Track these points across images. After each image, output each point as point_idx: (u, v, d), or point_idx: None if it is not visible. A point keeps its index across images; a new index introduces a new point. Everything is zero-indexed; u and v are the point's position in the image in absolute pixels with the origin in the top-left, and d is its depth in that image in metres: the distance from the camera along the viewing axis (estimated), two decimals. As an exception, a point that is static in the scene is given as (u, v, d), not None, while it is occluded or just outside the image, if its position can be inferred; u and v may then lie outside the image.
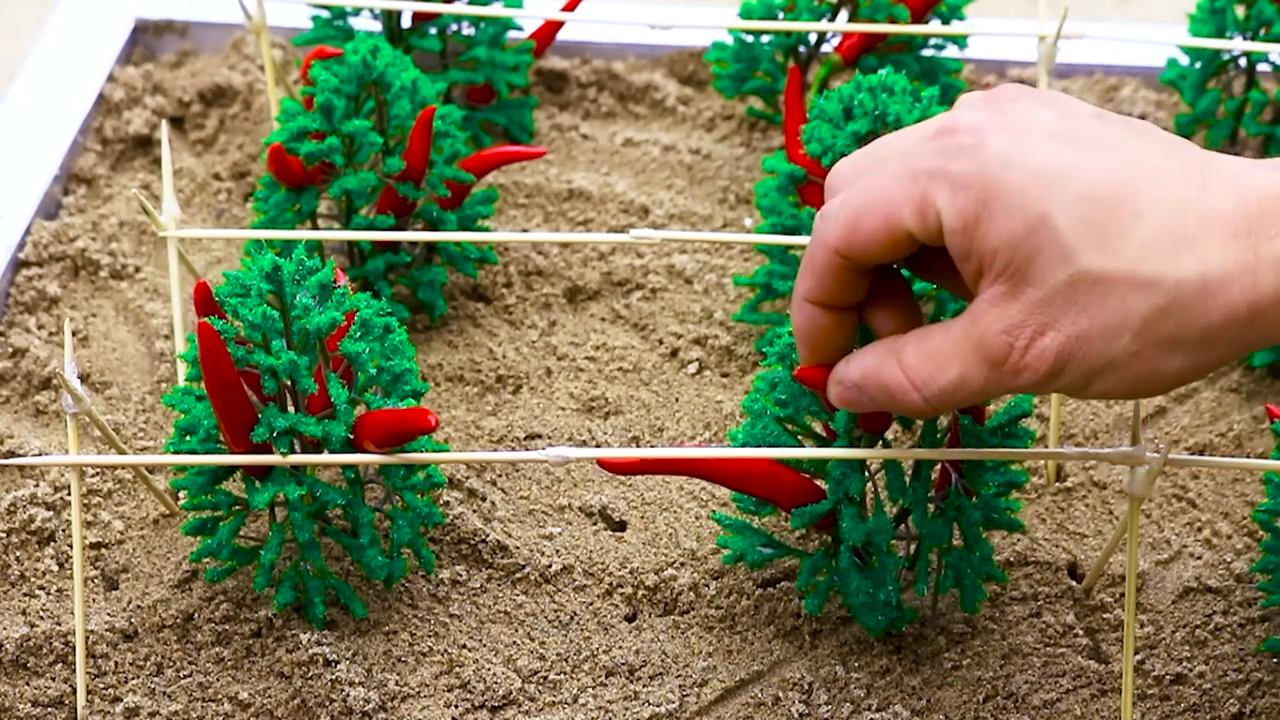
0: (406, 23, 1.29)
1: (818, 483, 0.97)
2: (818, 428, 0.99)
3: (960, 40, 1.28)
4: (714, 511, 1.05)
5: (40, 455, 1.09)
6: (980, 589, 0.99)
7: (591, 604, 1.03)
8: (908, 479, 0.96)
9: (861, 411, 0.89)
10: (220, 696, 0.98)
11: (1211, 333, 0.80)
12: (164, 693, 0.98)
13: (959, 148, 0.81)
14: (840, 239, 0.84)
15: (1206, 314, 0.79)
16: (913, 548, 1.00)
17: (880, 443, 0.96)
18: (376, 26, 1.32)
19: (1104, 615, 1.02)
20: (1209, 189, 0.80)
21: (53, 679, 0.98)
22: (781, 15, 1.26)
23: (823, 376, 0.89)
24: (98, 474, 1.08)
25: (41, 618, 1.01)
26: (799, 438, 0.97)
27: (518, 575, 1.04)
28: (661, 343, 1.19)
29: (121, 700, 0.97)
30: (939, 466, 0.97)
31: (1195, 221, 0.80)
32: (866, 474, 0.96)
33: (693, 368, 1.17)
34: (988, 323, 0.81)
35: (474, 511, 1.07)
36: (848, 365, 0.88)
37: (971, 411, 0.96)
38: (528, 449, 1.11)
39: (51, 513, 1.06)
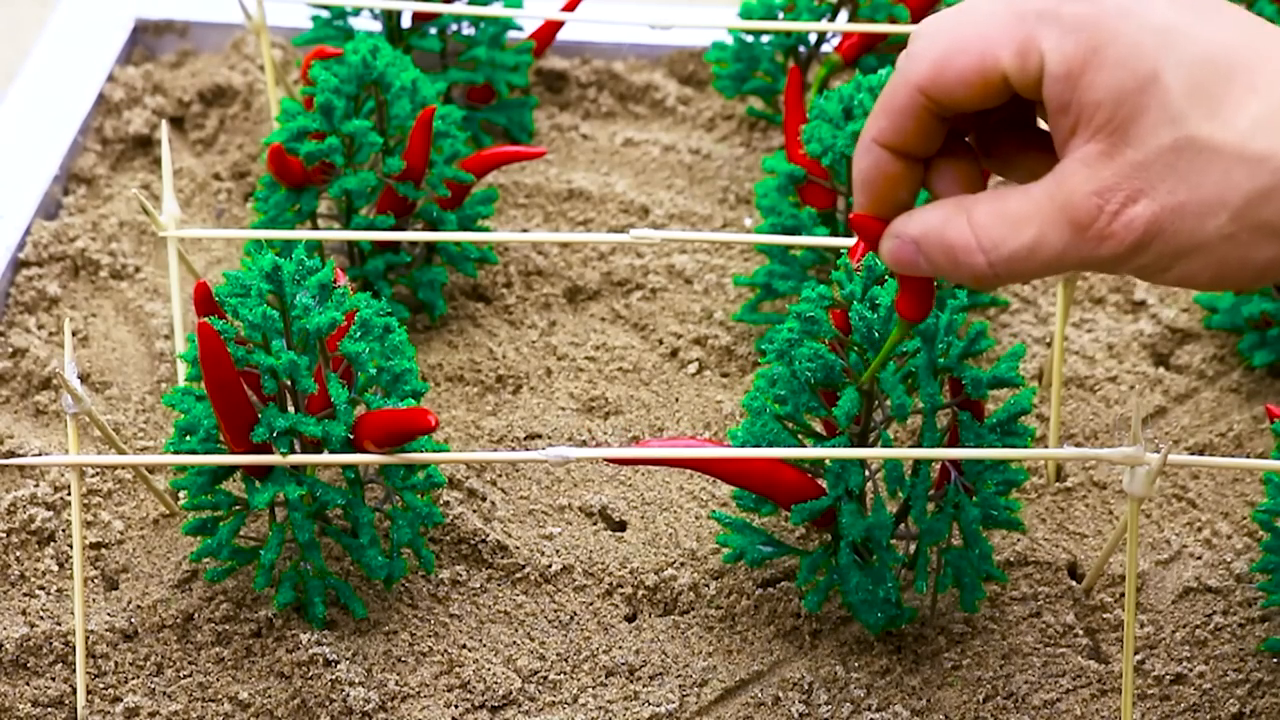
0: (406, 23, 1.29)
1: (818, 481, 0.97)
2: (817, 425, 0.99)
3: (960, 40, 1.28)
4: (714, 511, 1.05)
5: (40, 455, 1.09)
6: (979, 588, 0.99)
7: (591, 604, 1.03)
8: (907, 475, 0.97)
9: (914, 273, 0.81)
10: (220, 696, 0.98)
11: None
12: (164, 693, 0.98)
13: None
14: (926, 76, 0.78)
15: None
16: (912, 547, 1.00)
17: (880, 441, 0.96)
18: (376, 26, 1.32)
19: (1104, 615, 1.02)
20: None
21: (53, 679, 0.98)
22: (781, 15, 1.26)
23: (878, 228, 0.81)
24: (98, 474, 1.08)
25: (41, 618, 1.01)
26: (798, 435, 0.97)
27: (518, 575, 1.04)
28: (661, 343, 1.19)
29: (121, 700, 0.97)
30: (939, 464, 0.97)
31: None
32: (866, 472, 0.96)
33: (693, 368, 1.17)
34: (1077, 183, 0.76)
35: (474, 511, 1.07)
36: (909, 219, 0.80)
37: (971, 408, 0.96)
38: (528, 449, 1.11)
39: (51, 513, 1.06)
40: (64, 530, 1.05)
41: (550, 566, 1.04)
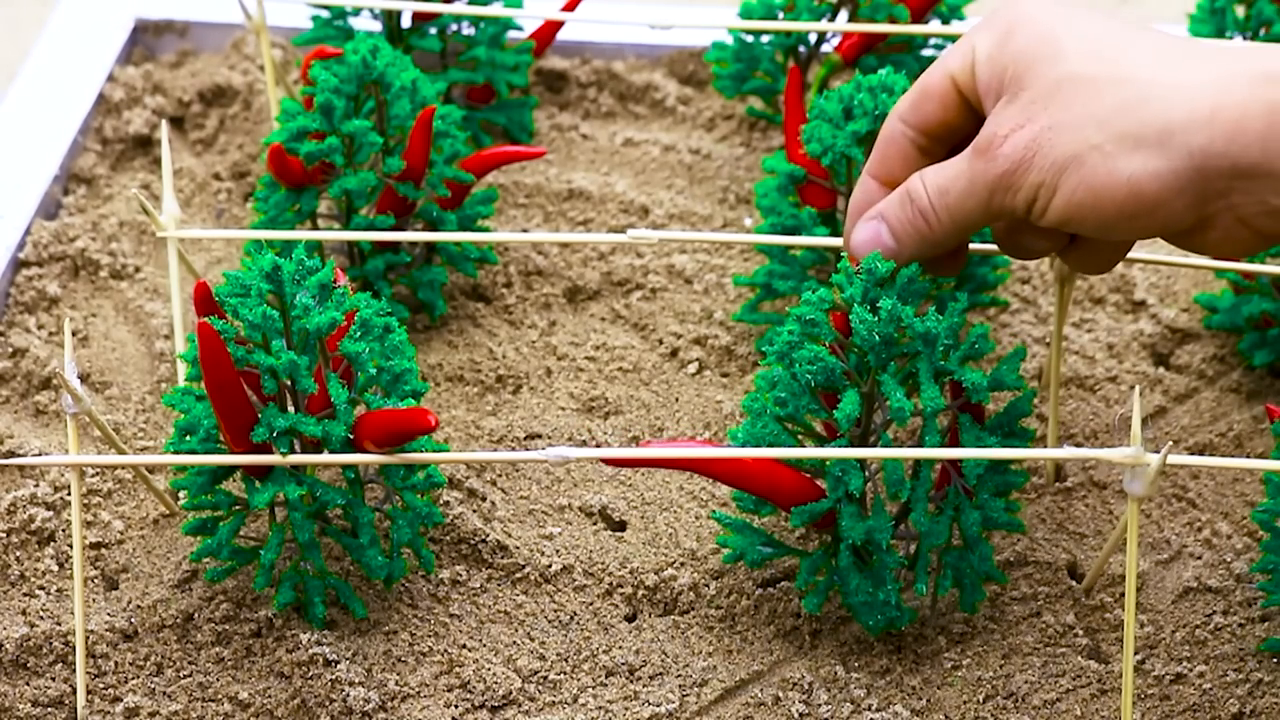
0: (406, 23, 1.29)
1: (818, 482, 0.97)
2: (818, 427, 0.99)
3: (960, 40, 1.28)
4: (714, 511, 1.05)
5: (40, 455, 1.09)
6: (980, 589, 0.99)
7: (591, 604, 1.03)
8: (906, 477, 0.96)
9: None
10: (220, 696, 0.98)
11: (1170, 131, 0.85)
12: (164, 693, 0.98)
13: (1002, 7, 0.92)
14: (905, 105, 0.94)
15: (1168, 110, 0.86)
16: (913, 548, 1.00)
17: (880, 443, 0.96)
18: (376, 26, 1.32)
19: (1104, 615, 1.02)
20: (1211, 44, 0.89)
21: (53, 679, 0.98)
22: (781, 15, 1.26)
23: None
24: (98, 474, 1.08)
25: (41, 618, 1.01)
26: (799, 437, 0.97)
27: (518, 575, 1.04)
28: (661, 343, 1.19)
29: (121, 700, 0.97)
30: (939, 466, 0.97)
31: (1187, 49, 0.88)
32: (866, 474, 0.96)
33: (693, 368, 1.17)
34: (985, 126, 0.90)
35: (474, 511, 1.07)
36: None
37: (971, 411, 0.96)
38: (528, 449, 1.11)
39: (51, 513, 1.06)
40: (64, 530, 1.05)
41: (550, 566, 1.04)
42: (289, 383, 0.95)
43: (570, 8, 1.34)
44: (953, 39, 1.28)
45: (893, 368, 0.93)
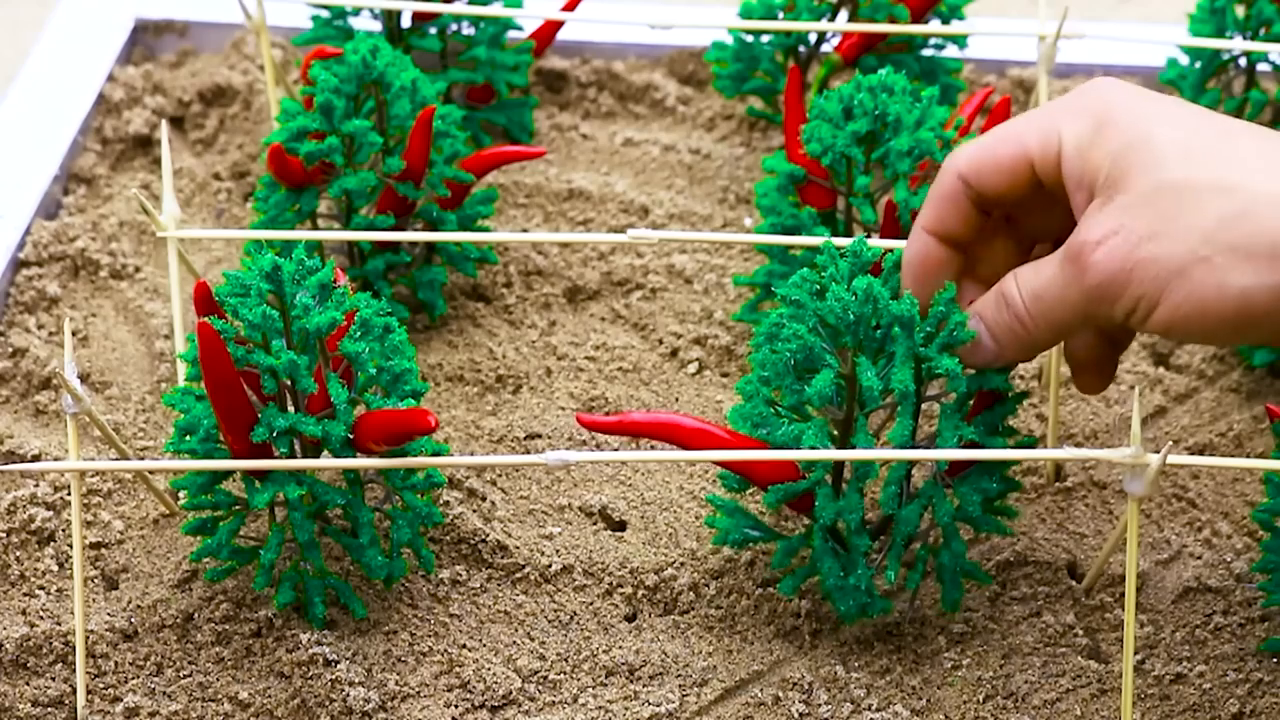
0: (406, 23, 1.29)
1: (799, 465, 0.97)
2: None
3: (960, 40, 1.28)
4: (709, 494, 1.05)
5: (40, 456, 1.09)
6: (958, 586, 0.99)
7: (591, 604, 1.03)
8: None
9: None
10: (220, 696, 0.98)
11: None
12: (164, 693, 0.98)
13: (1088, 92, 0.90)
14: (968, 164, 0.91)
15: (1277, 224, 0.83)
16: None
17: (857, 427, 0.95)
18: (376, 26, 1.32)
19: (1104, 615, 1.02)
20: None
21: (53, 679, 0.98)
22: (781, 15, 1.26)
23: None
24: (97, 474, 1.08)
25: (41, 618, 1.01)
26: (784, 417, 0.97)
27: (518, 575, 1.04)
28: (661, 343, 1.19)
29: (121, 700, 0.97)
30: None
31: None
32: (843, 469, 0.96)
33: (693, 368, 1.17)
34: (1078, 230, 0.87)
35: (474, 511, 1.07)
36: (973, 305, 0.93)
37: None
38: (528, 449, 1.11)
39: (51, 513, 1.06)
40: (64, 530, 1.05)
41: (550, 566, 1.04)
42: (289, 383, 0.95)
43: (570, 8, 1.34)
44: (953, 39, 1.28)
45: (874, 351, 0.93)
